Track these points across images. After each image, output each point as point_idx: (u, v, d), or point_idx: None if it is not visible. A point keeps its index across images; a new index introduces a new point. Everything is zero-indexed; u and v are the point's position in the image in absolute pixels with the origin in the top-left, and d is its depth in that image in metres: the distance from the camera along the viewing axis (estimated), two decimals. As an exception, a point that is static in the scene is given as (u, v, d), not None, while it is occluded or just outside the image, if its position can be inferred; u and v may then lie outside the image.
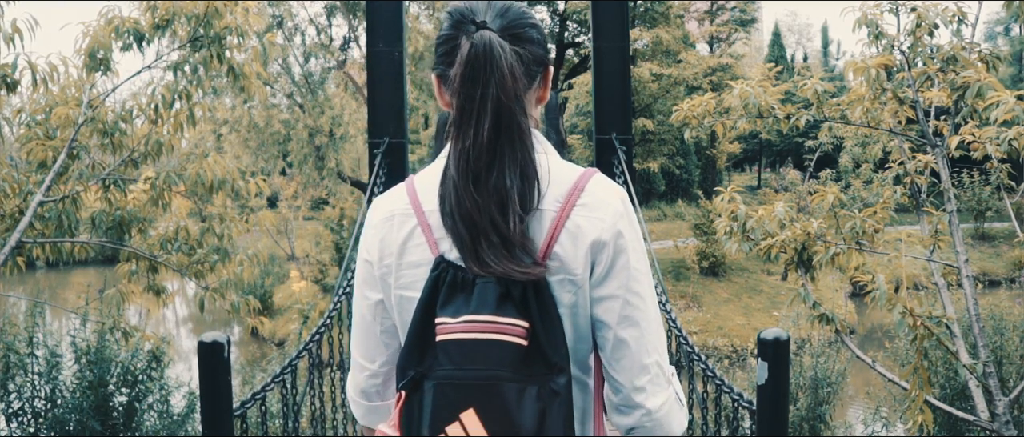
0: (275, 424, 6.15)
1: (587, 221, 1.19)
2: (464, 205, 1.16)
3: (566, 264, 1.19)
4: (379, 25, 5.35)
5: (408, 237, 1.23)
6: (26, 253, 5.52)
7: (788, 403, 2.29)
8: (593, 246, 1.19)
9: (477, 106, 1.16)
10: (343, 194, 21.33)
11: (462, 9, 1.23)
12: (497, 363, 1.12)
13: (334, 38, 21.00)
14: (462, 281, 1.16)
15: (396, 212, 1.26)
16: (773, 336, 2.12)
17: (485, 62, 1.17)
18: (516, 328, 1.13)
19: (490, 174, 1.16)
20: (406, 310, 1.23)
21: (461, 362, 1.12)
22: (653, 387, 1.22)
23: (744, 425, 2.79)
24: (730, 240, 4.48)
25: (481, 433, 1.10)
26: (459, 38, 1.20)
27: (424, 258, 1.21)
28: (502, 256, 1.15)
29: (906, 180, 4.70)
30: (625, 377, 1.21)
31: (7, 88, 4.96)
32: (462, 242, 1.17)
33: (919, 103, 4.32)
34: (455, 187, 1.17)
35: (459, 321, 1.13)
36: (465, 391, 1.12)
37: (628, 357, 1.20)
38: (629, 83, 5.57)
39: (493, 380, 1.11)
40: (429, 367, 1.15)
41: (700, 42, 31.31)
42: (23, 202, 5.24)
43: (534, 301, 1.15)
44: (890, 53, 4.27)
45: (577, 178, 1.22)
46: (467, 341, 1.12)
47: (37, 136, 5.30)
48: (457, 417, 1.11)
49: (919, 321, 3.72)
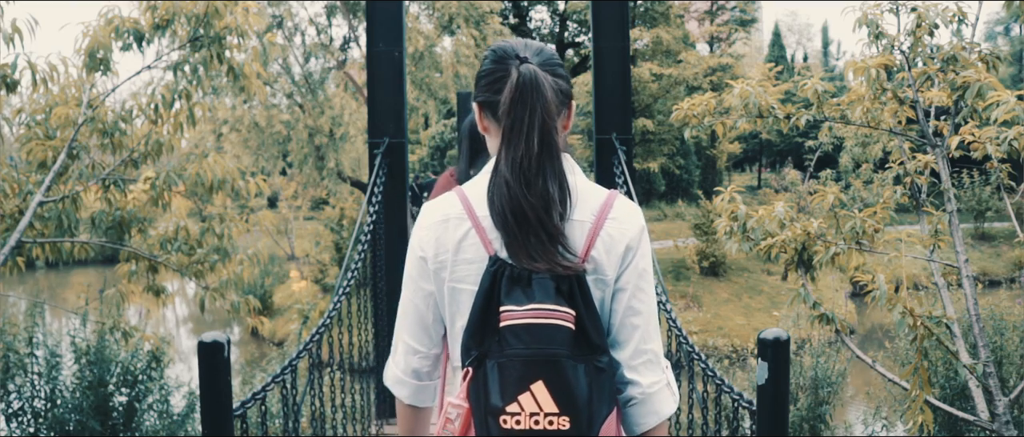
0: (275, 424, 6.15)
1: (618, 232, 1.44)
2: (518, 205, 1.38)
3: (600, 267, 1.43)
4: (379, 25, 5.35)
5: (463, 237, 1.44)
6: (26, 253, 5.52)
7: (788, 403, 2.29)
8: (623, 253, 1.44)
9: (526, 124, 1.40)
10: (343, 194, 21.32)
11: (505, 47, 1.49)
12: (559, 343, 1.33)
13: (334, 38, 20.99)
14: (519, 276, 1.37)
15: (451, 216, 1.46)
16: (773, 336, 2.12)
17: (532, 87, 1.41)
18: (568, 315, 1.35)
19: (538, 181, 1.39)
20: (457, 300, 1.44)
21: (530, 342, 1.33)
22: (646, 369, 1.46)
23: (744, 425, 2.79)
24: (730, 240, 4.48)
25: (549, 401, 1.31)
26: (507, 70, 1.45)
27: (478, 256, 1.42)
28: (547, 251, 1.37)
29: (906, 180, 4.69)
30: (625, 357, 1.45)
31: (7, 88, 4.96)
32: (514, 238, 1.38)
33: (919, 103, 4.32)
34: (509, 190, 1.39)
35: (526, 309, 1.34)
36: (534, 366, 1.32)
37: (632, 342, 1.45)
38: (629, 83, 5.57)
39: (556, 357, 1.33)
40: (491, 347, 1.36)
41: (700, 42, 31.32)
42: (23, 202, 5.24)
43: (578, 294, 1.38)
44: (890, 53, 4.27)
45: (606, 197, 1.47)
46: (535, 326, 1.33)
47: (37, 136, 5.29)
48: (527, 388, 1.32)
49: (919, 321, 3.72)
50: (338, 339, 4.46)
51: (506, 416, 1.32)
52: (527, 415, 1.32)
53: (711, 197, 18.16)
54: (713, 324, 16.74)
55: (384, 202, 5.27)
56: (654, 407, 1.46)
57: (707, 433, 3.27)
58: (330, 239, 19.26)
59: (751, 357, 14.05)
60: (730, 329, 16.55)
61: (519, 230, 1.38)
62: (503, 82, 1.44)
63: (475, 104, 1.55)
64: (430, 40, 19.46)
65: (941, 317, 3.78)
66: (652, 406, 1.46)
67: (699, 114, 4.65)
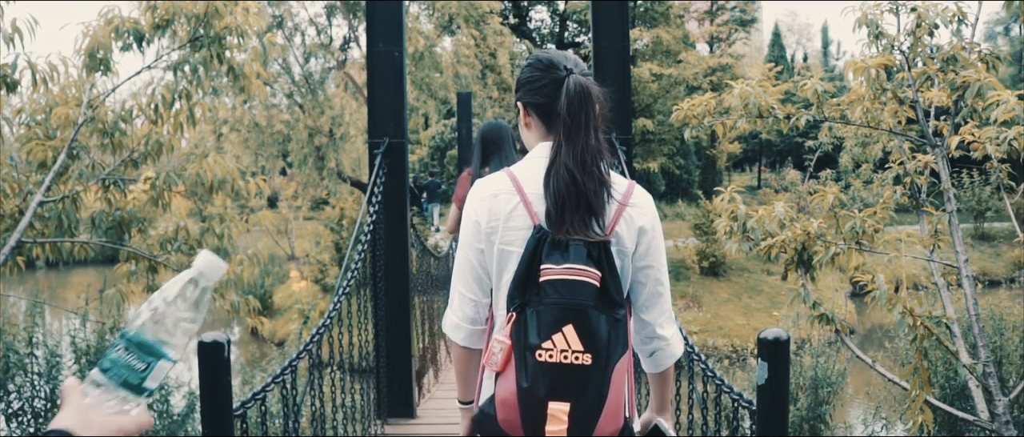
0: (275, 424, 6.15)
1: (637, 214, 1.80)
2: (577, 187, 1.72)
3: (622, 240, 1.78)
4: (379, 25, 5.34)
5: (513, 209, 1.77)
6: (26, 253, 5.52)
7: (788, 403, 2.29)
8: (640, 231, 1.80)
9: (583, 123, 1.75)
10: (343, 194, 21.32)
11: (551, 58, 1.83)
12: (587, 296, 1.66)
13: (334, 38, 20.99)
14: (559, 242, 1.70)
15: (502, 191, 1.80)
16: (773, 336, 2.12)
17: (586, 95, 1.76)
18: (595, 275, 1.68)
19: (594, 169, 1.74)
20: (504, 259, 1.78)
21: (564, 293, 1.66)
22: (668, 324, 1.89)
23: (744, 425, 2.79)
24: (730, 240, 4.48)
25: (577, 340, 1.64)
26: (554, 78, 1.79)
27: (525, 224, 1.76)
28: (586, 224, 1.72)
29: (906, 180, 4.69)
30: (653, 318, 1.86)
31: (7, 88, 4.96)
32: (562, 211, 1.72)
33: (919, 103, 4.32)
34: (571, 175, 1.73)
35: (562, 267, 1.67)
36: (567, 312, 1.65)
37: (657, 306, 1.86)
38: (629, 83, 5.56)
39: (584, 307, 1.66)
40: (532, 297, 1.68)
41: (700, 42, 31.31)
42: (23, 202, 5.24)
43: (604, 259, 1.71)
44: (890, 53, 4.27)
45: (628, 185, 1.82)
46: (568, 281, 1.67)
47: (37, 136, 5.29)
48: (560, 330, 1.65)
49: (919, 321, 3.72)
50: (338, 339, 4.46)
51: (541, 351, 1.65)
52: (558, 351, 1.65)
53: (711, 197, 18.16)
54: (713, 324, 16.74)
55: (384, 202, 5.27)
56: (673, 351, 1.91)
57: (707, 433, 3.26)
58: (330, 239, 19.25)
59: (751, 357, 14.05)
60: (730, 329, 16.55)
61: (571, 206, 1.72)
62: (552, 88, 1.79)
63: (520, 104, 1.88)
64: (430, 40, 19.45)
65: (941, 317, 3.78)
66: (672, 350, 1.91)
67: (699, 114, 4.65)
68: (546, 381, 1.64)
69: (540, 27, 29.16)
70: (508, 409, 1.69)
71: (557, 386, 1.64)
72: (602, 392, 1.66)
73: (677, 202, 28.10)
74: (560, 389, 1.64)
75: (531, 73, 1.84)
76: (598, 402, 1.66)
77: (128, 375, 0.92)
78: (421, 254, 7.41)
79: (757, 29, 38.74)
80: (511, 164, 2.07)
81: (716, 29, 30.62)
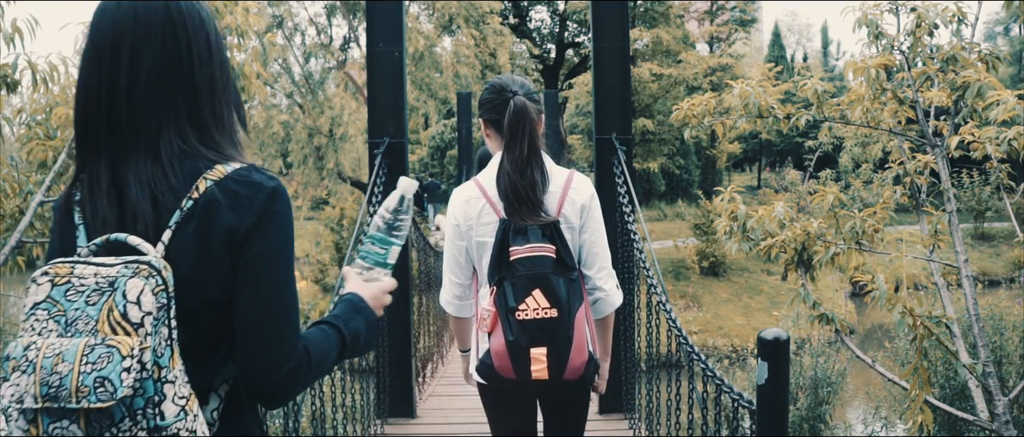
0: (275, 424, 6.15)
1: (577, 195, 2.33)
2: (516, 186, 2.25)
3: (568, 218, 2.31)
4: (379, 25, 5.34)
5: (482, 209, 2.31)
6: (26, 253, 5.51)
7: (788, 403, 2.29)
8: (581, 208, 2.33)
9: (519, 137, 2.27)
10: (343, 194, 21.32)
11: (502, 82, 2.34)
12: (546, 266, 2.21)
13: (334, 38, 20.99)
14: (520, 228, 2.24)
15: (472, 196, 2.35)
16: (773, 336, 2.12)
17: (524, 113, 2.27)
18: (551, 249, 2.22)
19: (527, 171, 2.26)
20: (481, 248, 2.32)
21: (529, 267, 2.20)
22: (607, 280, 2.37)
23: (744, 425, 2.79)
24: (730, 240, 4.48)
25: (544, 300, 2.18)
26: (505, 99, 2.30)
27: (492, 219, 2.30)
28: (532, 212, 2.25)
29: (906, 180, 4.69)
30: (594, 273, 2.34)
31: (7, 88, 4.96)
32: (512, 205, 2.26)
33: (919, 103, 4.32)
34: (510, 178, 2.26)
35: (525, 247, 2.21)
36: (533, 280, 2.19)
37: (597, 264, 2.34)
38: (629, 83, 5.56)
39: (545, 274, 2.20)
40: (506, 273, 2.21)
41: (700, 42, 31.29)
42: (23, 202, 5.24)
43: (556, 236, 2.24)
44: (890, 53, 4.27)
45: (568, 174, 2.36)
46: (532, 257, 2.20)
47: (37, 136, 5.29)
48: (530, 293, 2.19)
49: (919, 321, 3.72)
50: (338, 339, 4.46)
51: (519, 312, 2.19)
52: (531, 310, 2.18)
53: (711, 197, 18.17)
54: (713, 324, 16.73)
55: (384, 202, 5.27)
56: (611, 301, 2.38)
57: (707, 433, 3.27)
58: (330, 239, 19.26)
59: (751, 357, 14.04)
60: (730, 329, 16.54)
61: (516, 201, 2.26)
62: (502, 108, 2.30)
63: (481, 120, 2.39)
64: (430, 40, 19.45)
65: (941, 317, 3.78)
66: (610, 300, 2.38)
67: (699, 114, 4.65)
68: (526, 334, 2.19)
69: (540, 27, 29.15)
70: (501, 358, 2.22)
71: (535, 336, 2.19)
72: (569, 335, 2.20)
73: (677, 202, 28.10)
74: (538, 338, 2.19)
75: (487, 95, 2.37)
76: (567, 343, 2.20)
77: (377, 257, 1.52)
78: (422, 253, 7.41)
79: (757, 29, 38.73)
80: None
81: (716, 29, 30.61)
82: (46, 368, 1.05)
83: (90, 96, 1.20)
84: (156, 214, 1.17)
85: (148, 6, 1.20)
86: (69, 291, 1.10)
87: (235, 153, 1.25)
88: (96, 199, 1.20)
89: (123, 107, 1.19)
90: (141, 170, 1.18)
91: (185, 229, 1.16)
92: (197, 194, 1.17)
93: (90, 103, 1.20)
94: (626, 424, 5.17)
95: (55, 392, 1.05)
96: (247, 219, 1.17)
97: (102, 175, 1.20)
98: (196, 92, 1.22)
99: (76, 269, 1.12)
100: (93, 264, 1.11)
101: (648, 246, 4.57)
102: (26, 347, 1.08)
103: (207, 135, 1.23)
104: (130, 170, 1.19)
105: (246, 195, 1.18)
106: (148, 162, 1.18)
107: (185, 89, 1.21)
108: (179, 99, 1.21)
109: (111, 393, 1.04)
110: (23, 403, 1.06)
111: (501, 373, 2.24)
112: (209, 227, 1.16)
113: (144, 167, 1.18)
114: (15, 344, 1.09)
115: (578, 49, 28.73)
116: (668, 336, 4.01)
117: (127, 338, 1.07)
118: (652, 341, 4.63)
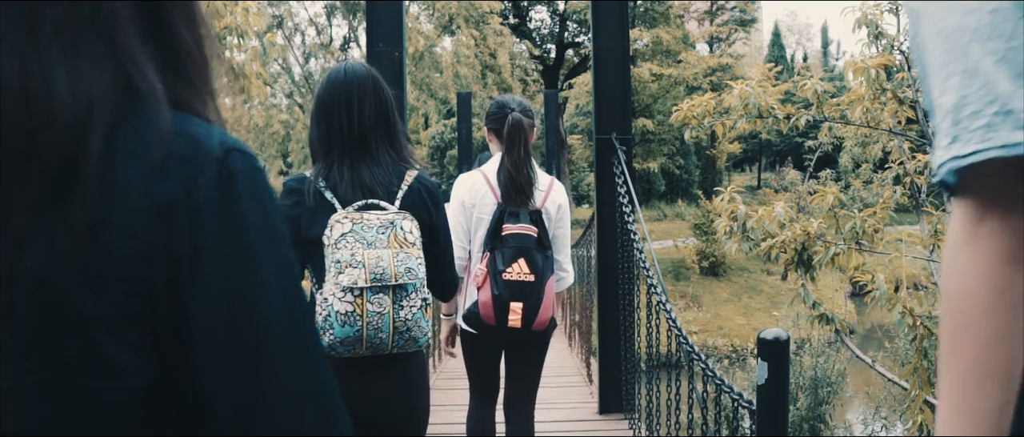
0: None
1: (557, 197, 3.01)
2: (514, 179, 2.89)
3: (548, 212, 2.96)
4: (379, 25, 5.34)
5: (484, 193, 2.95)
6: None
7: (788, 403, 2.29)
8: (558, 207, 3.00)
9: (516, 143, 2.91)
10: (343, 194, 21.30)
11: (504, 101, 3.05)
12: (530, 243, 2.85)
13: (334, 38, 21.00)
14: (512, 212, 2.87)
15: (477, 182, 2.98)
16: (773, 336, 2.12)
17: (520, 126, 2.91)
18: (534, 230, 2.87)
19: (523, 169, 2.90)
20: (481, 224, 2.93)
21: (517, 242, 2.83)
22: (567, 263, 3.10)
23: (744, 425, 2.79)
24: (730, 240, 4.48)
25: (525, 267, 2.82)
26: (505, 114, 2.96)
27: (491, 201, 2.93)
28: (525, 201, 2.89)
29: (906, 180, 4.70)
30: (561, 257, 3.04)
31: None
32: (509, 194, 2.89)
33: (919, 103, 4.32)
34: (508, 174, 2.90)
35: (516, 226, 2.85)
36: (519, 252, 2.82)
37: (563, 251, 3.05)
38: (629, 83, 5.56)
39: (529, 248, 2.84)
40: (498, 244, 2.84)
41: (700, 42, 31.31)
42: (23, 202, 5.24)
43: (539, 221, 2.89)
44: (890, 53, 4.27)
45: (550, 180, 3.03)
46: (520, 234, 2.85)
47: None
48: (516, 261, 2.82)
49: (919, 321, 3.72)
50: (338, 339, 4.46)
51: (505, 273, 2.82)
52: (515, 273, 2.83)
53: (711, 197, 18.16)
54: (713, 324, 16.73)
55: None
56: (569, 280, 3.16)
57: (707, 433, 3.27)
58: (330, 239, 19.23)
59: (751, 357, 14.05)
60: (730, 329, 16.55)
61: (513, 190, 2.90)
62: (503, 121, 2.96)
63: (487, 128, 3.09)
64: (430, 40, 19.46)
65: (941, 317, 3.78)
66: (568, 279, 3.16)
67: (699, 115, 4.65)
68: (509, 291, 2.83)
69: (540, 27, 29.17)
70: (487, 307, 2.85)
71: (515, 293, 2.83)
72: (540, 297, 2.86)
73: (677, 202, 28.11)
74: (517, 295, 2.83)
75: (492, 109, 3.08)
76: (538, 302, 2.86)
77: None
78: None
79: (757, 29, 38.75)
80: None
81: (716, 29, 30.63)
82: (371, 264, 1.91)
83: (333, 128, 2.03)
84: (386, 192, 2.02)
85: (362, 75, 2.08)
86: (362, 226, 1.94)
87: (414, 163, 2.13)
88: (342, 183, 2.00)
89: (356, 135, 2.03)
90: (370, 169, 2.03)
91: (405, 201, 2.04)
92: (408, 183, 2.06)
93: (333, 132, 2.03)
94: (626, 424, 5.17)
95: (380, 276, 1.91)
96: (430, 201, 2.11)
97: (344, 171, 2.01)
98: (391, 127, 2.10)
99: (364, 215, 1.95)
100: (369, 213, 1.96)
101: (648, 246, 4.57)
102: (351, 254, 1.90)
103: (400, 152, 2.11)
104: (363, 169, 2.02)
105: (431, 187, 2.13)
106: (373, 165, 2.03)
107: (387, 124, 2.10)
108: (383, 130, 2.08)
109: (415, 275, 1.96)
110: (355, 284, 1.89)
111: (485, 320, 2.86)
112: (415, 202, 2.06)
113: (371, 168, 2.03)
114: (339, 253, 1.91)
115: (578, 49, 28.75)
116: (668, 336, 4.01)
117: (412, 248, 1.97)
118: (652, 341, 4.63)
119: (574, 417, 5.50)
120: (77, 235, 0.59)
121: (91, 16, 0.62)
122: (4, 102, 0.58)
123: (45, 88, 0.59)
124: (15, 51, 0.59)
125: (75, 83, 0.60)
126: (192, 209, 0.62)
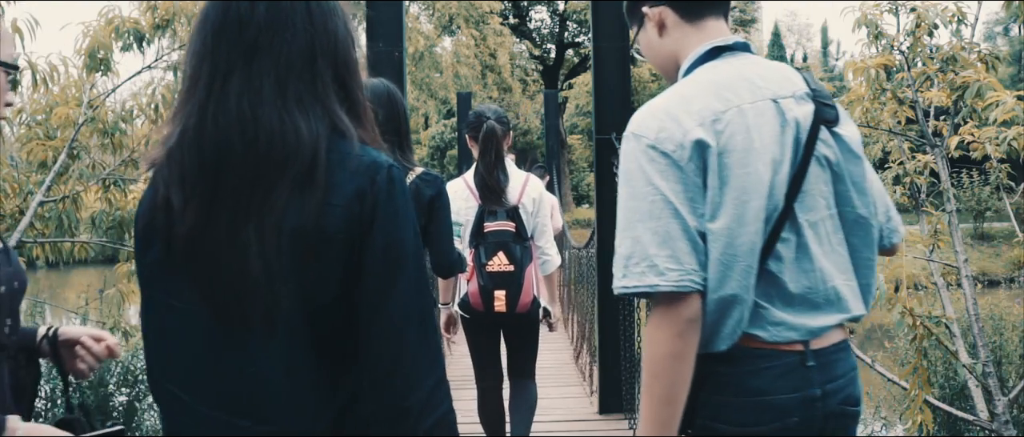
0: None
1: (532, 191, 3.48)
2: (486, 182, 3.39)
3: (525, 206, 3.44)
4: (379, 25, 5.34)
5: (466, 197, 3.42)
6: (26, 253, 5.52)
7: (788, 403, 2.28)
8: (534, 200, 3.46)
9: (489, 149, 3.40)
10: (343, 194, 21.29)
11: (481, 110, 3.50)
12: (508, 236, 3.38)
13: (334, 38, 20.96)
14: (491, 211, 3.38)
15: (459, 189, 3.43)
16: (773, 336, 2.11)
17: (493, 133, 3.39)
18: (511, 225, 3.39)
19: (494, 172, 3.39)
20: (466, 222, 3.39)
21: (497, 237, 3.36)
22: (549, 247, 3.55)
23: (744, 425, 2.79)
24: (730, 240, 4.46)
25: (505, 259, 3.35)
26: (481, 122, 3.40)
27: (473, 205, 3.42)
28: (500, 201, 3.41)
29: (906, 180, 4.70)
30: (542, 243, 3.52)
31: (8, 88, 4.95)
32: (485, 195, 3.41)
33: (919, 103, 4.32)
34: (482, 177, 3.40)
35: (495, 224, 3.38)
36: (498, 246, 3.35)
37: (544, 237, 3.52)
38: (629, 83, 5.56)
39: (507, 241, 3.37)
40: (481, 240, 3.38)
41: (700, 42, 31.24)
42: (23, 202, 5.24)
43: (516, 216, 3.41)
44: (890, 53, 4.27)
45: (524, 177, 3.51)
46: (499, 230, 3.37)
47: (37, 136, 5.29)
48: (496, 254, 3.35)
49: (919, 321, 3.72)
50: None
51: (489, 266, 3.33)
52: (496, 265, 3.33)
53: (711, 197, 18.04)
54: (713, 324, 16.69)
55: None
56: (554, 263, 3.57)
57: (707, 433, 3.27)
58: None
59: (751, 357, 13.99)
60: (730, 329, 16.50)
61: (486, 191, 3.39)
62: (479, 128, 3.39)
63: (467, 135, 3.52)
64: (430, 40, 19.46)
65: (941, 317, 3.79)
66: (553, 262, 3.57)
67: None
68: (492, 281, 3.33)
69: (540, 27, 29.16)
70: (474, 296, 3.36)
71: (498, 282, 3.33)
72: (520, 284, 3.34)
73: (677, 202, 28.02)
74: (500, 284, 3.33)
75: (471, 118, 3.48)
76: (519, 289, 3.34)
77: None
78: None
79: (757, 29, 38.74)
80: None
81: (716, 29, 30.58)
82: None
83: None
84: None
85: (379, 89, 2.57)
86: None
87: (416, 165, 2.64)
88: None
89: None
90: None
91: None
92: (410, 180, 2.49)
93: None
94: (626, 424, 5.17)
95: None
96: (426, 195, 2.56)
97: None
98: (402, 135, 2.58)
99: None
100: None
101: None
102: None
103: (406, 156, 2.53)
104: None
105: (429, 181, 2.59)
106: None
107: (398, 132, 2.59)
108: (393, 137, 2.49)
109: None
110: None
111: (474, 306, 3.39)
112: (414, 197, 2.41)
113: None
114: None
115: (578, 49, 28.75)
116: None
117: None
118: (652, 341, 4.63)
119: (574, 417, 5.50)
120: (316, 206, 1.07)
121: (313, 88, 1.14)
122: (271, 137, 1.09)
123: (294, 129, 1.09)
124: (275, 109, 1.10)
125: (309, 126, 1.10)
126: (375, 194, 1.10)
